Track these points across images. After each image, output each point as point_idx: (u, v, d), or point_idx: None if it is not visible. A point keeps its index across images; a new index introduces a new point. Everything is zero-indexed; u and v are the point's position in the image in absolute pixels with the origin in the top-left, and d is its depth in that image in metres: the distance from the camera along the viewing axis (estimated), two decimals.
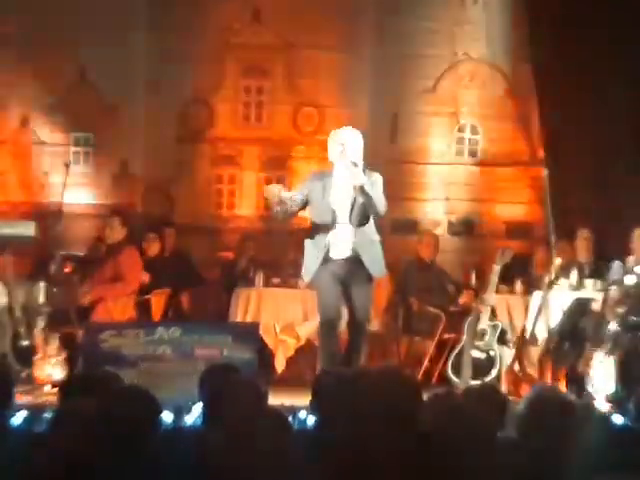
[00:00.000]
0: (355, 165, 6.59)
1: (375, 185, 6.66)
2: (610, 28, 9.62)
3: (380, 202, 6.64)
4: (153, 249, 9.38)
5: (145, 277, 8.69)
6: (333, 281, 6.75)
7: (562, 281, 8.08)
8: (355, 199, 6.66)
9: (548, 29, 9.96)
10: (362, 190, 6.55)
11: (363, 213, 6.70)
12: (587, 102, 9.73)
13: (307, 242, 6.85)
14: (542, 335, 7.73)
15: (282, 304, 8.61)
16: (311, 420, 4.78)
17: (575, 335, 7.46)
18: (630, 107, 9.77)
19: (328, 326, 6.79)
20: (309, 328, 8.30)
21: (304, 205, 6.78)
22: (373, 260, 6.77)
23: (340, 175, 6.73)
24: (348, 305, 6.85)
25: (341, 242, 6.72)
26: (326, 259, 6.74)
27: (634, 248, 7.91)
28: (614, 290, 7.40)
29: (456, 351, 8.03)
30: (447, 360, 8.16)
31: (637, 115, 9.76)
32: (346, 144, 6.70)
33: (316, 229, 6.79)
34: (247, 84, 10.66)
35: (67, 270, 8.29)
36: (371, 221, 6.74)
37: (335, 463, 3.38)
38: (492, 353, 7.89)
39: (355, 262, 6.73)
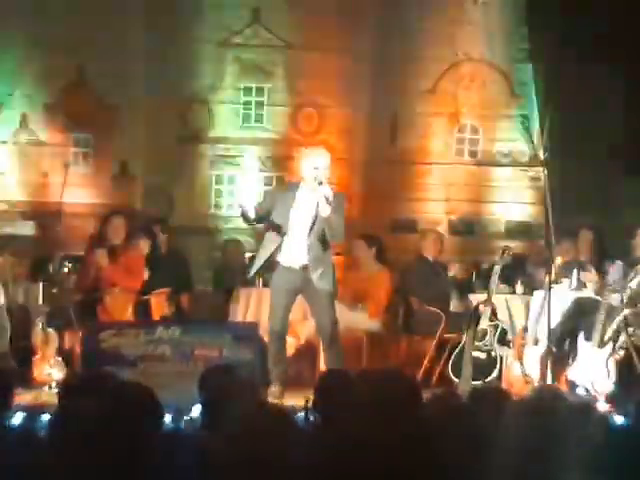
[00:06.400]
0: (327, 201, 7.04)
1: (338, 208, 7.16)
2: (610, 29, 9.62)
3: (340, 230, 7.17)
4: (143, 248, 9.35)
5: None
6: (286, 293, 7.29)
7: (563, 281, 8.08)
8: (315, 220, 7.17)
9: (548, 30, 9.95)
10: (328, 221, 7.09)
11: (322, 234, 7.19)
12: (587, 102, 9.73)
13: (264, 241, 7.42)
14: (543, 335, 7.72)
15: None
16: (311, 420, 4.77)
17: (576, 335, 7.44)
18: (630, 107, 9.77)
19: (275, 336, 7.33)
20: (309, 328, 8.28)
21: (266, 214, 7.30)
22: (323, 275, 7.24)
23: (307, 191, 7.24)
24: (312, 313, 7.45)
25: (296, 251, 7.22)
26: (281, 265, 7.26)
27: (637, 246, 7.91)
28: (615, 290, 7.39)
29: (457, 351, 8.03)
30: (447, 360, 8.16)
31: (637, 115, 9.75)
32: (320, 168, 7.20)
33: (273, 233, 7.28)
34: (247, 85, 10.65)
35: (66, 270, 8.28)
36: (327, 238, 7.24)
37: (335, 463, 3.37)
38: (493, 353, 7.88)
39: (309, 275, 7.23)
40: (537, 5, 10.13)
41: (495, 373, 7.84)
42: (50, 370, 7.52)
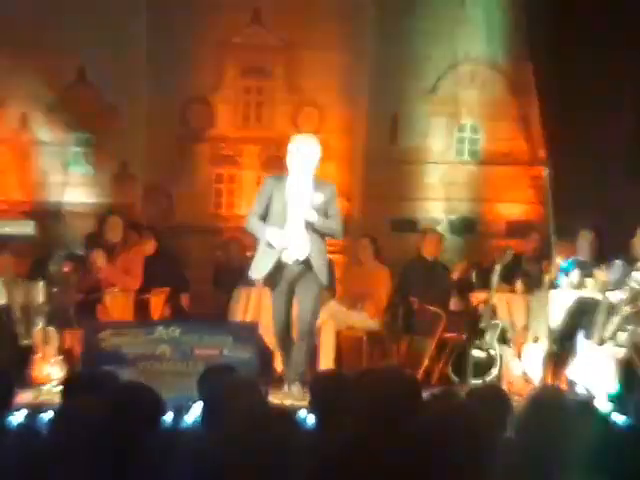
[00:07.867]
0: (310, 216, 6.95)
1: (331, 202, 7.07)
2: (610, 29, 9.61)
3: (334, 228, 7.09)
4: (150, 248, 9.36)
5: None
6: (284, 291, 7.14)
7: (563, 280, 8.07)
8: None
9: (548, 29, 9.95)
10: (314, 227, 6.98)
11: (317, 231, 7.07)
12: (587, 102, 9.72)
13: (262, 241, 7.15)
14: (543, 334, 7.72)
15: None
16: (311, 420, 4.77)
17: (576, 334, 7.45)
18: (630, 107, 9.77)
19: (281, 336, 7.24)
20: None
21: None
22: (321, 269, 7.10)
23: (297, 182, 7.08)
24: (297, 301, 7.20)
25: (295, 245, 7.03)
26: (280, 262, 7.06)
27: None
28: (615, 288, 7.39)
29: (457, 350, 8.03)
30: (447, 360, 8.16)
31: (637, 115, 9.75)
32: (305, 157, 7.09)
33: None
34: (247, 84, 10.65)
35: (66, 270, 8.28)
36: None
37: (335, 463, 3.37)
38: (492, 352, 7.88)
39: (307, 266, 7.07)
40: (537, 5, 10.13)
41: (495, 372, 7.84)
42: (50, 369, 7.52)
